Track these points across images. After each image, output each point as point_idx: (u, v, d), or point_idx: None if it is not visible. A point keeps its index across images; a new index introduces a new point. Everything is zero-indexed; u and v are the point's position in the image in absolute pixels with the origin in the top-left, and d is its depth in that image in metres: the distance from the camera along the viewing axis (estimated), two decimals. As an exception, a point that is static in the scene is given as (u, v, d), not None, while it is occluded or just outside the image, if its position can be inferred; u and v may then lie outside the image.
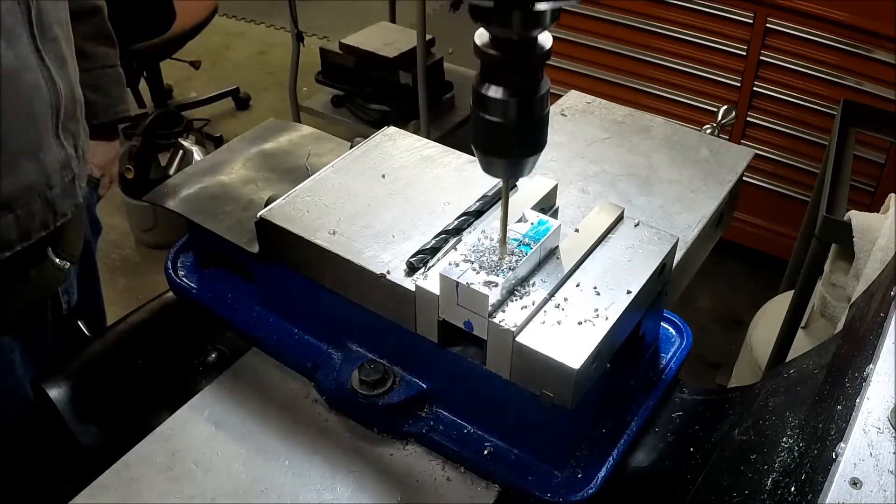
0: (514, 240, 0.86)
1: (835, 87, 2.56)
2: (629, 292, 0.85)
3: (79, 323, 1.39)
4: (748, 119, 2.78)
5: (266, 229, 0.98)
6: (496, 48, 0.67)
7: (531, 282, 0.85)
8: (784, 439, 0.80)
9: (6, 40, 1.05)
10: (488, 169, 0.77)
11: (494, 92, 0.70)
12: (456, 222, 0.94)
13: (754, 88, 2.72)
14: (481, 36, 0.68)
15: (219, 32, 4.56)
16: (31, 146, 1.12)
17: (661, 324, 1.05)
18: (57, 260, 1.25)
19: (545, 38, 0.68)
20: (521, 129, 0.71)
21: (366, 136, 1.12)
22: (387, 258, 0.91)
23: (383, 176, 1.04)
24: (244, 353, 1.07)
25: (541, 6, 0.63)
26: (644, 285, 0.86)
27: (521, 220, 0.89)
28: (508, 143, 0.73)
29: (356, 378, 0.96)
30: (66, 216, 1.22)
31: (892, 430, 0.64)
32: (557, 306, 0.83)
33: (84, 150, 1.28)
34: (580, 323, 0.81)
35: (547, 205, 0.99)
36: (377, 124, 3.30)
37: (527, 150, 0.74)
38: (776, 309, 2.27)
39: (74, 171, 1.22)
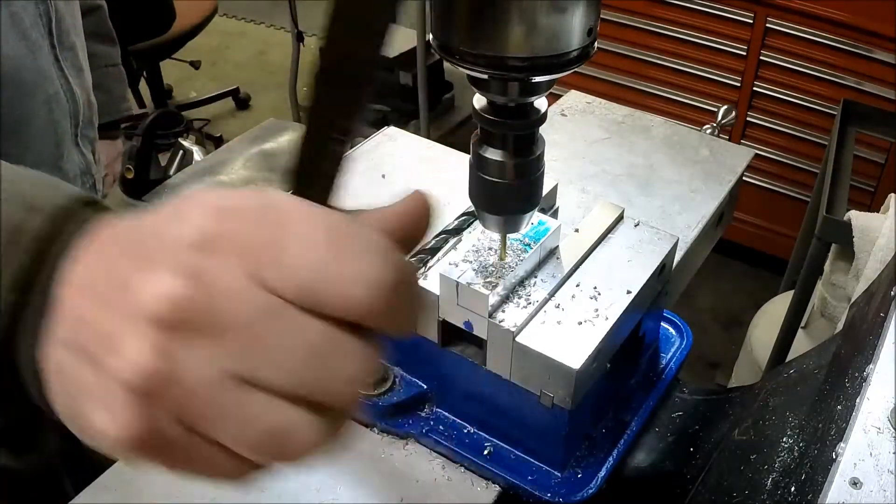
0: (514, 240, 0.86)
1: (835, 87, 2.56)
2: (629, 292, 0.85)
3: None
4: (748, 119, 2.78)
5: (266, 229, 0.98)
6: (493, 114, 0.70)
7: (531, 282, 0.85)
8: (784, 439, 0.80)
9: (30, 52, 1.05)
10: (485, 223, 0.80)
11: (492, 154, 0.73)
12: (456, 222, 0.94)
13: (754, 88, 2.72)
14: (479, 100, 0.71)
15: (219, 32, 4.55)
16: (52, 156, 1.12)
17: (661, 324, 1.05)
18: None
19: (541, 103, 0.71)
20: (517, 189, 0.75)
21: (366, 136, 1.13)
22: (387, 258, 0.90)
23: (383, 176, 1.04)
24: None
25: (538, 78, 0.65)
26: (644, 285, 0.86)
27: (521, 220, 0.89)
28: (505, 201, 0.76)
29: (356, 378, 0.96)
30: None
31: (892, 430, 0.64)
32: (557, 306, 0.83)
33: (99, 153, 1.28)
34: (580, 323, 0.81)
35: (547, 205, 0.99)
36: (377, 124, 3.30)
37: (523, 208, 0.78)
38: (776, 309, 2.27)
39: (94, 176, 1.22)
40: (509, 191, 0.75)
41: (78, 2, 1.23)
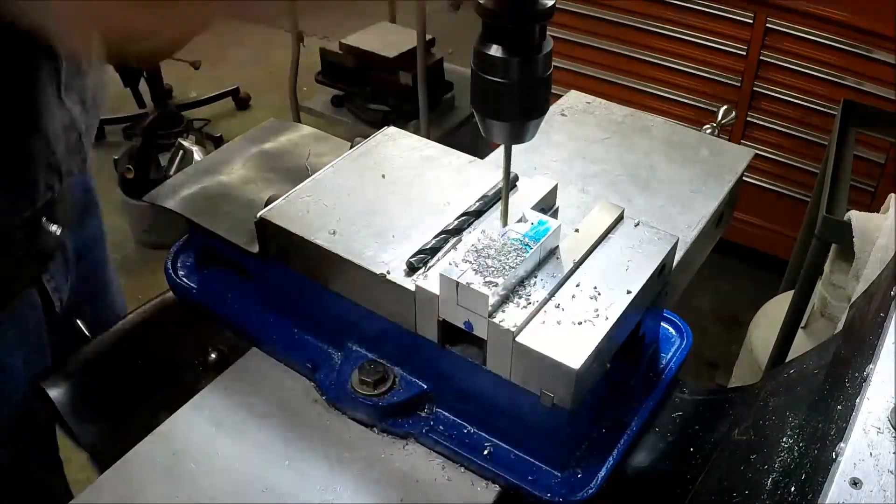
0: (514, 240, 0.86)
1: (835, 87, 2.56)
2: (629, 292, 0.85)
3: (78, 322, 1.38)
4: (748, 119, 2.79)
5: (266, 229, 0.98)
6: (496, 5, 0.65)
7: (531, 282, 0.85)
8: (784, 439, 0.80)
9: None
10: (489, 133, 0.75)
11: (495, 51, 0.68)
12: (456, 222, 0.94)
13: (754, 88, 2.72)
14: None
15: (219, 32, 4.55)
16: (31, 117, 1.04)
17: (661, 324, 1.05)
18: (49, 225, 1.15)
19: None
20: (523, 90, 0.69)
21: (366, 136, 1.12)
22: (387, 258, 0.91)
23: (383, 176, 1.04)
24: (244, 353, 1.07)
25: None
26: (644, 285, 0.86)
27: (521, 220, 0.89)
28: (510, 104, 0.70)
29: (356, 378, 0.96)
30: (73, 174, 1.15)
31: (892, 430, 0.64)
32: (557, 306, 0.83)
33: (97, 96, 1.19)
34: (580, 323, 0.81)
35: (547, 205, 0.99)
36: (377, 124, 3.30)
37: (529, 113, 0.72)
38: (776, 309, 2.27)
39: (80, 129, 1.14)
40: (515, 92, 0.69)
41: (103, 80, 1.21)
